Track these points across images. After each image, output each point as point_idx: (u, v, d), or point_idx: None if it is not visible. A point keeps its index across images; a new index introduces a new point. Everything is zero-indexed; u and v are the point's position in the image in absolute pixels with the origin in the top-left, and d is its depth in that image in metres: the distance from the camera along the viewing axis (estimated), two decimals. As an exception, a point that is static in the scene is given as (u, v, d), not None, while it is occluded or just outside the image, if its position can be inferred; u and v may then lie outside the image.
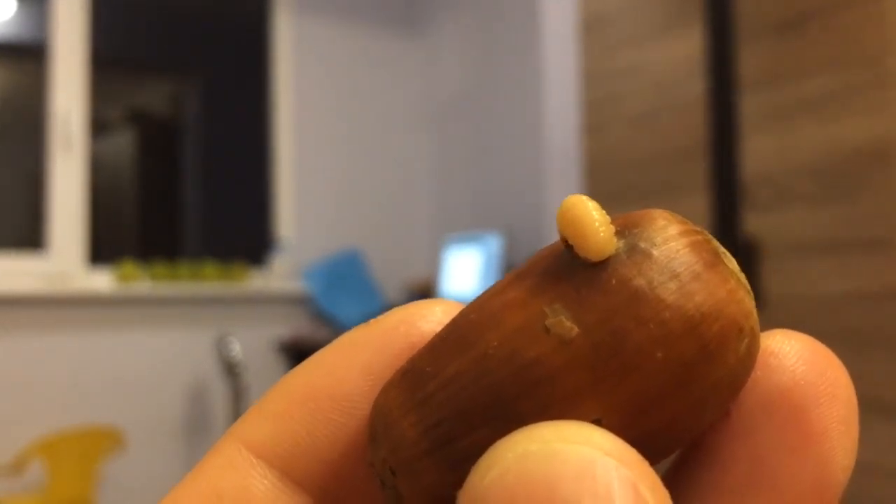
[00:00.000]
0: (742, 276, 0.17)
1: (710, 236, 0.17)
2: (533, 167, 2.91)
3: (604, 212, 0.17)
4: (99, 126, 3.05)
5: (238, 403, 2.67)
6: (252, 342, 3.02)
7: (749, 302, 0.17)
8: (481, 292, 0.19)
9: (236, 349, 2.70)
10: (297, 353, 3.14)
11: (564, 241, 0.17)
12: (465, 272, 2.98)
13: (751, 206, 1.75)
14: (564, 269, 0.17)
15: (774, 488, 0.17)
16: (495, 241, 2.88)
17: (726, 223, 1.56)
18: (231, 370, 2.68)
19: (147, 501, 2.86)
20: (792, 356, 0.17)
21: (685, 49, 1.96)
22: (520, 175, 3.06)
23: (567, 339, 0.16)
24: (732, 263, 0.17)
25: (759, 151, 1.77)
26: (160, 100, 3.66)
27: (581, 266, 0.17)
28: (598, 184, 2.17)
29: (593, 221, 0.17)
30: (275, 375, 3.12)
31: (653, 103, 2.06)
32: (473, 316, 0.18)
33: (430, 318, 0.20)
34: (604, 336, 0.16)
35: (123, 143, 3.42)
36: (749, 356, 0.16)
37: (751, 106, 1.76)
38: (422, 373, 0.17)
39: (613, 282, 0.16)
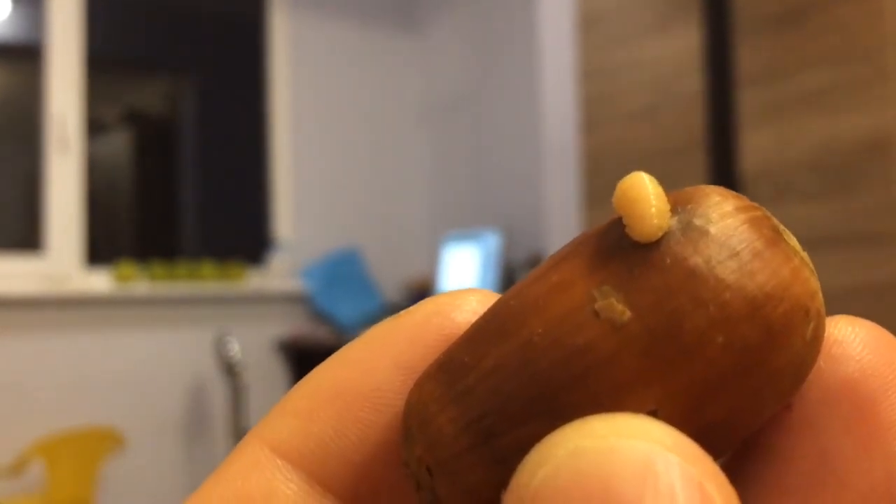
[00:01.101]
0: (805, 255, 0.16)
1: (768, 213, 0.16)
2: (531, 164, 2.91)
3: (661, 190, 0.16)
4: (95, 126, 3.04)
5: (237, 403, 2.67)
6: (251, 341, 3.02)
7: (814, 282, 0.15)
8: (523, 279, 0.17)
9: (235, 349, 2.70)
10: (296, 352, 3.14)
11: (619, 219, 0.16)
12: (464, 270, 2.98)
13: (751, 201, 1.75)
14: (614, 249, 0.16)
15: (842, 485, 0.16)
16: (493, 238, 2.88)
17: (725, 219, 1.55)
18: (230, 370, 2.68)
19: (147, 502, 2.86)
20: (857, 344, 0.16)
21: (683, 45, 1.96)
22: (518, 172, 3.06)
23: (619, 324, 0.15)
24: (794, 241, 0.16)
25: (757, 146, 1.77)
26: (157, 100, 3.65)
27: (632, 246, 0.15)
28: (597, 180, 2.17)
29: (650, 200, 0.15)
30: (274, 375, 3.12)
31: (651, 99, 2.06)
32: (514, 302, 0.16)
33: (465, 308, 0.18)
34: (659, 319, 0.15)
35: (120, 143, 3.42)
36: (816, 340, 0.15)
37: (749, 101, 1.76)
38: (461, 364, 0.16)
39: (668, 261, 0.15)
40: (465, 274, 2.97)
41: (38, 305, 2.73)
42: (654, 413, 0.14)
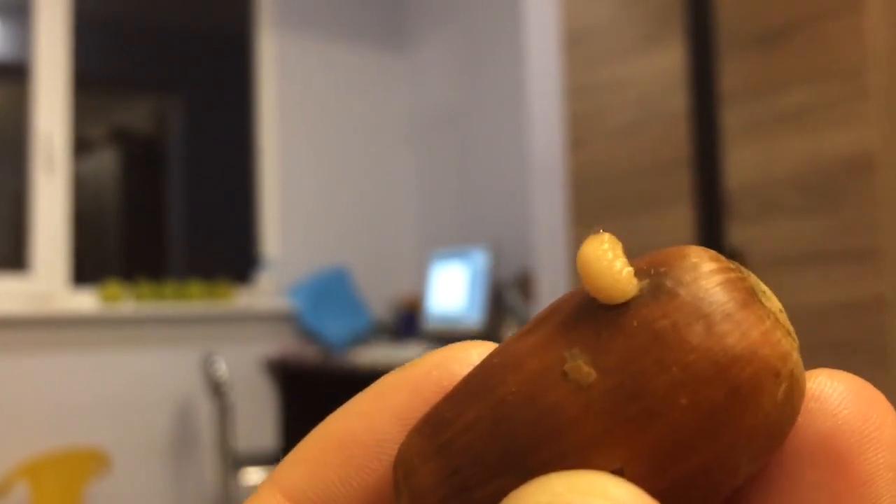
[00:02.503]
0: (782, 316, 0.16)
1: (747, 273, 0.16)
2: (518, 182, 2.92)
3: (620, 251, 0.16)
4: (82, 145, 3.03)
5: (224, 423, 2.66)
6: (238, 361, 3.00)
7: (787, 344, 0.16)
8: (511, 336, 0.18)
9: (222, 368, 2.69)
10: (283, 371, 3.12)
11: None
12: (452, 287, 2.98)
13: (735, 218, 1.76)
14: (587, 311, 0.16)
15: None
16: (481, 255, 2.88)
17: (711, 235, 1.56)
18: (217, 389, 2.66)
19: (133, 523, 2.83)
20: (834, 399, 0.17)
21: (667, 63, 1.98)
22: (505, 190, 3.07)
23: (585, 385, 0.15)
24: (772, 302, 0.16)
25: (742, 164, 1.78)
26: (143, 118, 3.65)
27: (603, 309, 0.16)
28: (583, 197, 2.18)
29: (607, 262, 0.16)
30: (261, 394, 3.10)
31: (636, 117, 2.07)
32: (497, 360, 0.17)
33: (465, 362, 0.19)
34: (623, 381, 0.15)
35: (107, 162, 3.41)
36: (789, 402, 0.15)
37: (733, 119, 1.77)
38: (441, 418, 0.17)
39: (635, 324, 0.16)
40: (453, 291, 2.97)
41: (24, 325, 2.71)
42: (619, 471, 0.15)
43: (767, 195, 1.76)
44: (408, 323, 3.23)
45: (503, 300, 2.81)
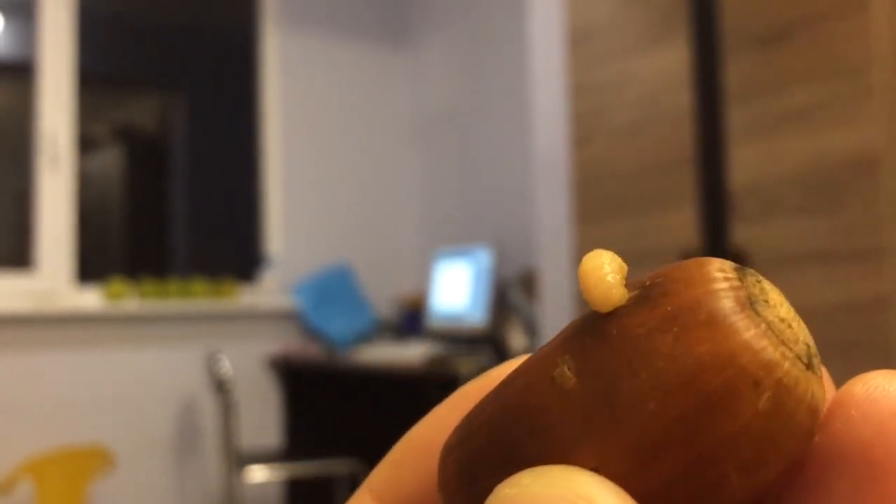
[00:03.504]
0: (782, 325, 0.16)
1: (752, 282, 0.16)
2: (521, 180, 2.92)
3: (617, 263, 0.17)
4: (86, 143, 3.04)
5: (228, 420, 2.66)
6: (242, 359, 3.01)
7: (775, 353, 0.15)
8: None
9: (226, 366, 2.69)
10: (287, 369, 3.13)
11: None
12: (455, 286, 2.98)
13: (738, 218, 1.76)
14: (585, 322, 0.17)
15: None
16: (484, 254, 2.88)
17: (714, 235, 1.56)
18: (221, 387, 2.67)
19: (137, 521, 2.84)
20: (883, 404, 0.16)
21: (671, 61, 1.98)
22: (508, 188, 3.07)
23: (566, 389, 0.16)
24: (773, 311, 0.16)
25: (745, 163, 1.78)
26: (147, 116, 3.66)
27: (594, 318, 0.17)
28: (587, 196, 2.18)
29: (600, 274, 0.16)
30: (265, 392, 3.11)
31: (640, 115, 2.07)
32: (520, 366, 0.18)
33: None
34: (598, 385, 0.16)
35: (111, 159, 3.42)
36: (776, 411, 0.15)
37: (737, 117, 1.77)
38: (469, 416, 0.19)
39: (615, 332, 0.16)
40: (457, 290, 2.97)
41: (28, 323, 2.71)
42: (595, 470, 0.16)
43: (771, 194, 1.76)
44: (411, 321, 3.23)
45: (506, 299, 2.81)
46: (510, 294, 2.80)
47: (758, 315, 0.16)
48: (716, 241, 1.55)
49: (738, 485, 0.15)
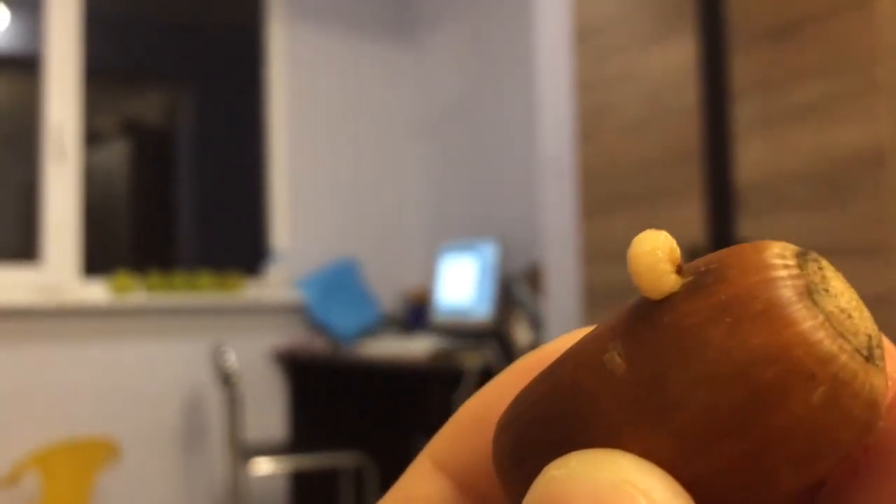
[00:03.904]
0: (842, 316, 0.16)
1: (813, 269, 0.16)
2: (527, 175, 2.92)
3: (669, 246, 0.16)
4: (93, 136, 3.04)
5: (234, 413, 2.67)
6: (247, 352, 3.02)
7: (833, 345, 0.15)
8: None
9: (232, 359, 2.70)
10: (292, 362, 3.14)
11: None
12: (461, 280, 2.98)
13: (745, 213, 1.76)
14: (637, 307, 0.17)
15: None
16: (490, 249, 2.88)
17: (720, 230, 1.56)
18: (226, 380, 2.68)
19: (143, 513, 2.85)
20: None
21: (678, 57, 1.97)
22: (514, 183, 3.06)
23: (616, 375, 0.16)
24: (833, 300, 0.16)
25: (752, 158, 1.78)
26: (154, 110, 3.66)
27: (646, 304, 0.17)
28: (593, 191, 2.18)
29: (652, 259, 0.16)
30: (271, 385, 3.11)
31: (646, 111, 2.07)
32: (572, 346, 0.18)
33: None
34: (648, 374, 0.16)
35: (117, 153, 3.42)
36: (832, 406, 0.15)
37: (743, 113, 1.77)
38: (521, 395, 0.19)
39: (666, 320, 0.16)
40: (462, 284, 2.97)
41: (35, 316, 2.72)
42: (643, 456, 0.15)
43: (778, 190, 1.75)
44: (416, 316, 3.24)
45: (512, 293, 2.81)
46: (516, 289, 2.80)
47: (815, 305, 0.15)
48: (722, 236, 1.55)
49: (788, 477, 0.15)
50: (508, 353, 2.50)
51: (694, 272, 0.16)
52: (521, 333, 2.62)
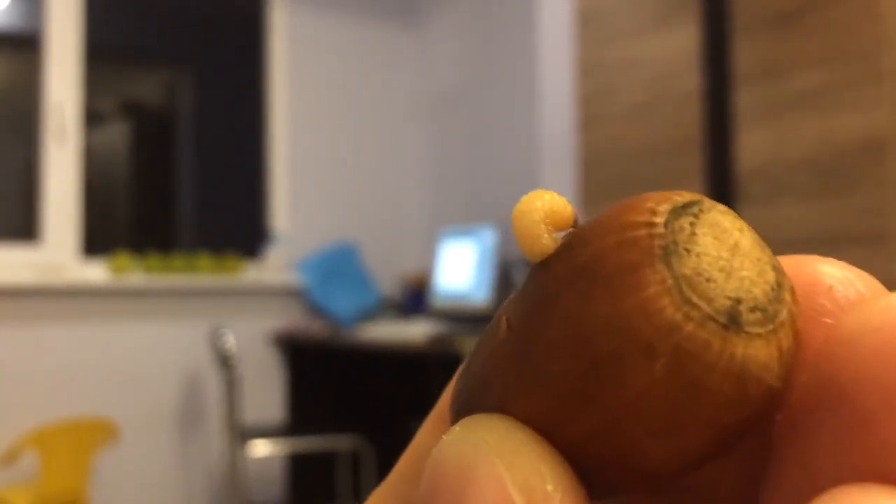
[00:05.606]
0: (697, 279, 0.14)
1: (682, 226, 0.15)
2: (528, 160, 2.91)
3: (550, 206, 0.16)
4: (93, 117, 3.04)
5: (232, 395, 2.67)
6: (246, 334, 3.02)
7: (676, 314, 0.14)
8: None
9: (230, 341, 2.70)
10: (291, 345, 3.14)
11: None
12: (460, 265, 2.98)
13: (745, 200, 1.76)
14: (532, 269, 0.16)
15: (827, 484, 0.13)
16: (490, 234, 2.88)
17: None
18: (225, 362, 2.68)
19: (140, 492, 2.86)
20: (868, 346, 0.13)
21: (681, 43, 1.96)
22: (515, 168, 3.06)
23: (502, 340, 0.16)
24: (691, 262, 0.14)
25: (753, 145, 1.77)
26: (154, 91, 3.65)
27: (533, 266, 0.16)
28: (594, 177, 2.17)
29: (531, 221, 0.15)
30: (269, 368, 3.12)
31: (648, 97, 2.06)
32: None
33: None
34: (522, 339, 0.15)
35: (117, 134, 3.41)
36: (677, 378, 0.14)
37: (746, 100, 1.76)
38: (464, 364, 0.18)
39: (538, 282, 0.15)
40: (461, 269, 2.97)
41: (34, 295, 2.73)
42: (526, 422, 0.15)
43: (779, 177, 1.75)
44: (415, 300, 3.24)
45: (511, 279, 2.81)
46: (514, 274, 2.80)
47: (668, 268, 0.14)
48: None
49: (655, 449, 0.14)
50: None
51: (571, 233, 0.16)
52: (519, 319, 2.62)
